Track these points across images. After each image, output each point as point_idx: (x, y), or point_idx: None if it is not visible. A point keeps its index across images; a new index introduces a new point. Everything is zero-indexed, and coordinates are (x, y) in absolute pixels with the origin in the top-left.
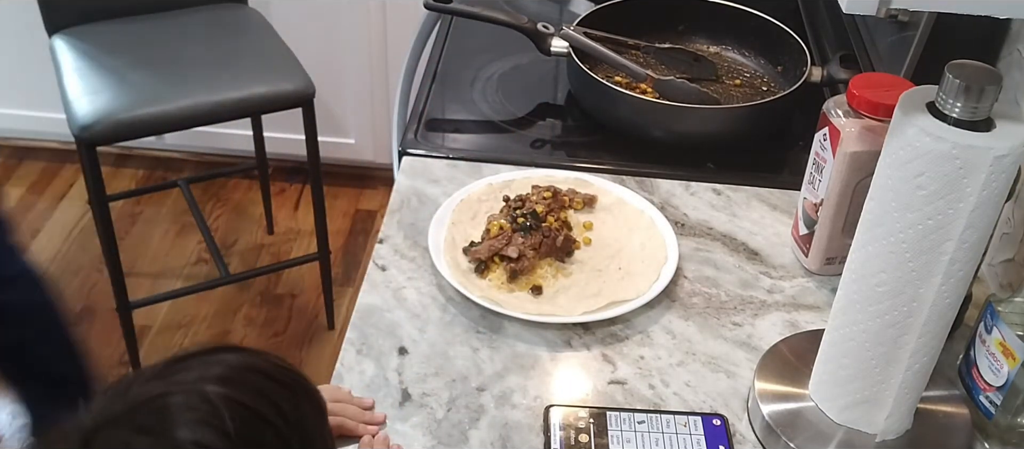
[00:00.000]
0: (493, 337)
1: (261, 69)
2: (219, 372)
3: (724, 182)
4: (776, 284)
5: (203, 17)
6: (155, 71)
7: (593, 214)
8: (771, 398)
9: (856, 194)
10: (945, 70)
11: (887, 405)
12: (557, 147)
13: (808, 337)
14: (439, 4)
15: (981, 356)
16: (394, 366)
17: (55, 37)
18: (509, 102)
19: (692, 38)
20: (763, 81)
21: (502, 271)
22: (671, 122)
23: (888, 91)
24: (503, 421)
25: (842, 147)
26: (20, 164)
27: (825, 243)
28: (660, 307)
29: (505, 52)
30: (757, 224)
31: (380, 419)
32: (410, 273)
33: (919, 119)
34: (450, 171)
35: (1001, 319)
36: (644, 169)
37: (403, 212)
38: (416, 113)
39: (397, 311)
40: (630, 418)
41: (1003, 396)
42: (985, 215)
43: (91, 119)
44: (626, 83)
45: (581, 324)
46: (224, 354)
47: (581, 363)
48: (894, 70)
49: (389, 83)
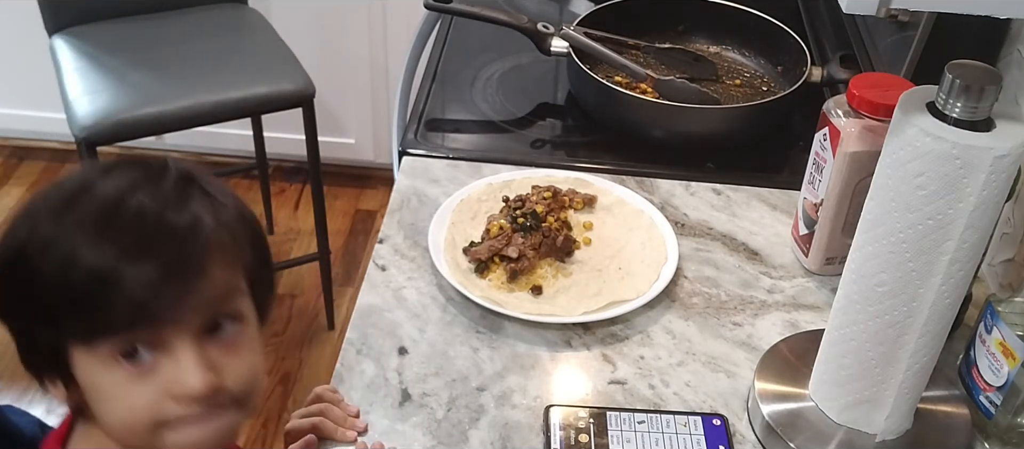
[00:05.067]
0: (493, 337)
1: (261, 69)
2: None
3: (724, 182)
4: (776, 284)
5: (203, 17)
6: (155, 71)
7: (593, 214)
8: (771, 398)
9: (856, 194)
10: (945, 70)
11: (887, 405)
12: (557, 147)
13: (808, 337)
14: (439, 4)
15: (981, 356)
16: (394, 366)
17: (55, 37)
18: (509, 102)
19: (692, 38)
20: (763, 81)
21: (502, 271)
22: (671, 122)
23: (888, 91)
24: (503, 421)
25: (842, 147)
26: (20, 164)
27: (825, 243)
28: (660, 307)
29: (505, 52)
30: (757, 224)
31: (362, 427)
32: (410, 273)
33: (919, 119)
34: (450, 171)
35: (1001, 319)
36: (644, 169)
37: (403, 212)
38: (416, 113)
39: (397, 311)
40: (630, 418)
41: (1003, 396)
42: (985, 215)
43: (91, 119)
44: (626, 83)
45: (581, 324)
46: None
47: (581, 363)
48: (894, 70)
49: (389, 83)
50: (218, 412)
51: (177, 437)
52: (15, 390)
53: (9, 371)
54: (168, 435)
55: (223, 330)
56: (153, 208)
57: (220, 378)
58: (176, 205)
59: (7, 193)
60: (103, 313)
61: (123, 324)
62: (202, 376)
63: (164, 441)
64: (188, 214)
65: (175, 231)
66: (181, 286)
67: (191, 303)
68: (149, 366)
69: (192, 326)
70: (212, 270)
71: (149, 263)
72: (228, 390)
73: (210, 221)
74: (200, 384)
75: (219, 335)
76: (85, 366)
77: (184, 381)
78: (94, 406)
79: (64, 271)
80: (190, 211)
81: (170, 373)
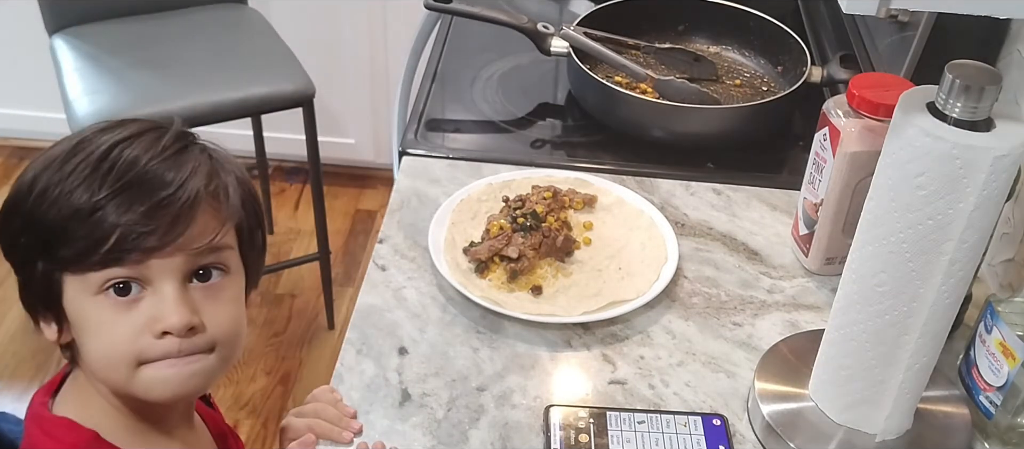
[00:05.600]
0: (493, 337)
1: (261, 69)
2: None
3: (724, 182)
4: (776, 284)
5: (203, 17)
6: (155, 71)
7: (593, 214)
8: (771, 398)
9: (856, 194)
10: (945, 70)
11: (887, 405)
12: (557, 147)
13: (808, 337)
14: (439, 4)
15: (981, 356)
16: (394, 366)
17: (55, 37)
18: (509, 102)
19: (692, 38)
20: (763, 81)
21: (502, 271)
22: (671, 122)
23: (888, 91)
24: (503, 421)
25: (842, 147)
26: (20, 164)
27: (825, 243)
28: (660, 307)
29: (505, 52)
30: (757, 224)
31: (357, 428)
32: (410, 273)
33: (919, 119)
34: (450, 171)
35: (1001, 319)
36: (644, 169)
37: (403, 212)
38: (416, 113)
39: (397, 311)
40: (630, 418)
41: (1003, 396)
42: (985, 215)
43: (91, 119)
44: (626, 83)
45: (581, 324)
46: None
47: (581, 363)
48: (894, 70)
49: (389, 83)
50: (195, 357)
51: (153, 374)
52: (15, 390)
53: (9, 371)
54: (145, 371)
55: (209, 278)
56: (145, 157)
57: (200, 320)
58: (171, 158)
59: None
60: (92, 244)
61: (111, 256)
62: (182, 312)
63: (140, 378)
64: (180, 164)
65: (164, 176)
66: (167, 226)
67: (175, 243)
68: (134, 300)
69: (178, 268)
70: (199, 217)
71: (137, 202)
72: (206, 333)
73: (203, 173)
74: (179, 320)
75: (205, 283)
76: (75, 298)
77: (164, 315)
78: (80, 342)
79: (59, 208)
80: (182, 163)
81: (152, 309)
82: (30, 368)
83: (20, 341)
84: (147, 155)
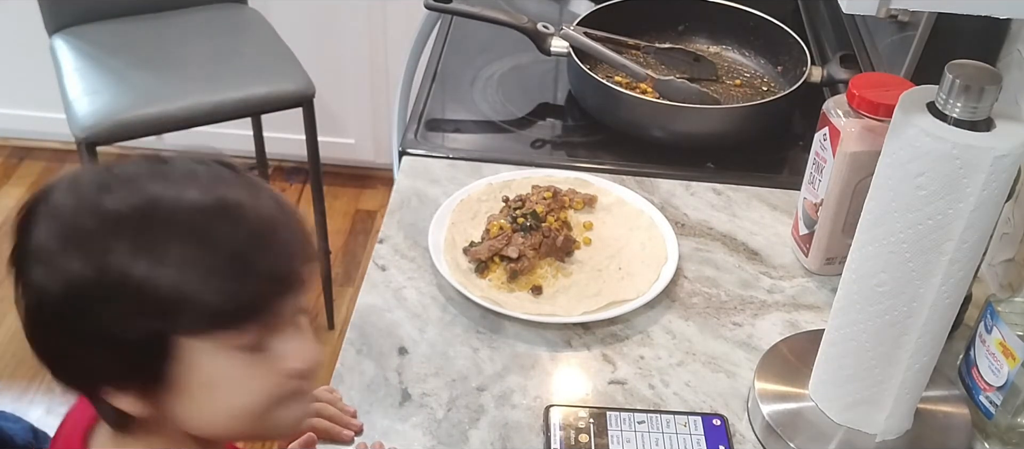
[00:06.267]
0: (493, 337)
1: (261, 69)
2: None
3: (724, 182)
4: (776, 284)
5: (203, 17)
6: (155, 71)
7: (593, 214)
8: (771, 398)
9: (856, 194)
10: (945, 70)
11: (887, 405)
12: (557, 147)
13: (808, 337)
14: (439, 4)
15: (981, 356)
16: (394, 366)
17: (55, 37)
18: (509, 102)
19: (692, 38)
20: (763, 81)
21: (502, 271)
22: (671, 122)
23: (888, 91)
24: (503, 421)
25: (842, 147)
26: (20, 164)
27: (825, 243)
28: (660, 307)
29: (505, 52)
30: (757, 224)
31: (358, 427)
32: (410, 273)
33: (919, 119)
34: (450, 171)
35: (1001, 319)
36: (644, 169)
37: (403, 212)
38: (416, 113)
39: (397, 311)
40: (630, 418)
41: (1003, 396)
42: (985, 215)
43: (91, 119)
44: (626, 83)
45: (581, 324)
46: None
47: (581, 363)
48: (894, 70)
49: (389, 83)
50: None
51: (287, 414)
52: (15, 390)
53: (9, 371)
54: (279, 413)
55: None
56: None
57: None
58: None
59: (7, 193)
60: (238, 297)
61: (259, 307)
62: (319, 347)
63: (275, 420)
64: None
65: (289, 219)
66: (306, 267)
67: (309, 284)
68: (263, 347)
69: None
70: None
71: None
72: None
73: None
74: (320, 354)
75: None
76: (196, 360)
77: (306, 355)
78: (192, 402)
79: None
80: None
81: (287, 349)
82: (30, 368)
83: (20, 341)
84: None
